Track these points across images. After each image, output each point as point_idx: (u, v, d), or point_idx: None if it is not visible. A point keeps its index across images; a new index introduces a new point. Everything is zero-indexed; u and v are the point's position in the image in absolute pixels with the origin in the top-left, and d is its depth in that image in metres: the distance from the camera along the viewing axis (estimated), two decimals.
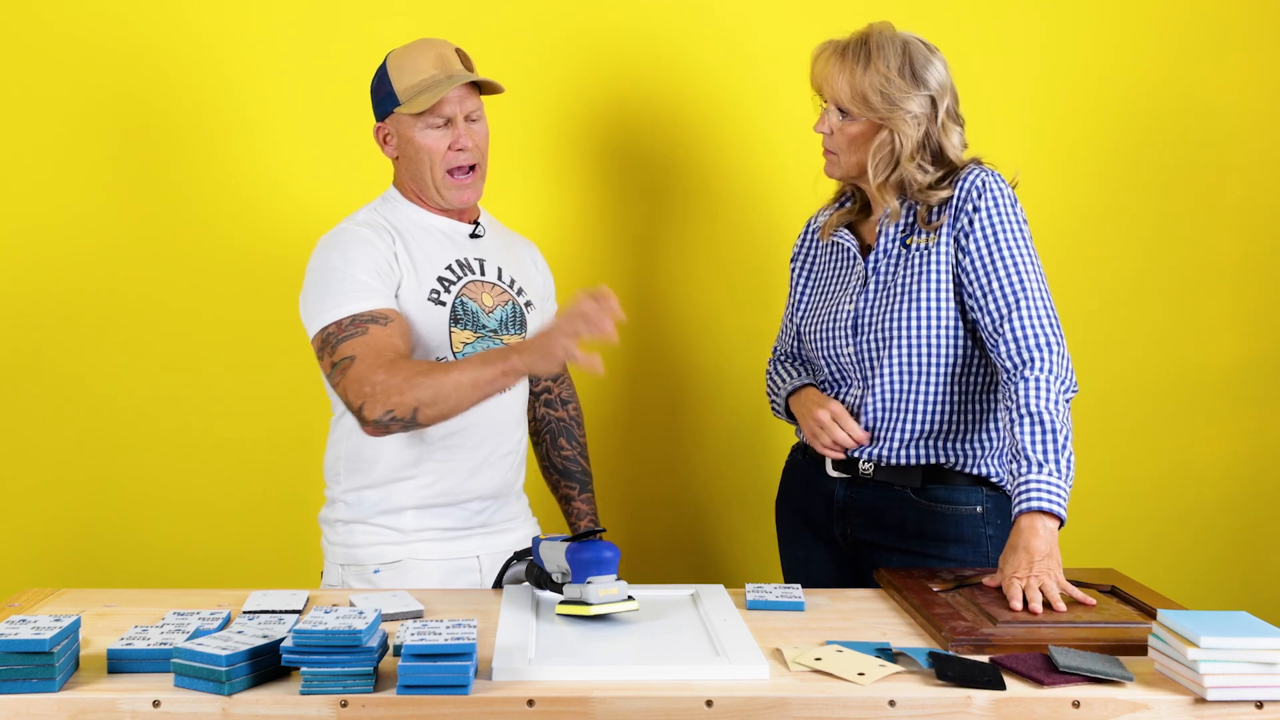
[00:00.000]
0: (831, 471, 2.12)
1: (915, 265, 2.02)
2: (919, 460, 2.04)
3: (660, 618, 1.75)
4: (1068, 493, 1.81)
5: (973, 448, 2.04)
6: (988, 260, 1.96)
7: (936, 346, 2.00)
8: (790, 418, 2.21)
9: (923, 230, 2.02)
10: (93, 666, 1.52)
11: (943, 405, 2.02)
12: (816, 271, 2.22)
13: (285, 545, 2.72)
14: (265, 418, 2.73)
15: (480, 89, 2.08)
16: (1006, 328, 1.93)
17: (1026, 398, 1.86)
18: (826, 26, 2.15)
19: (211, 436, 2.73)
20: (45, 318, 2.70)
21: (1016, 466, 1.84)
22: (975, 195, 1.98)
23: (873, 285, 2.06)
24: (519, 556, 1.96)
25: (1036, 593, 1.72)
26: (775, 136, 2.75)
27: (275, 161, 2.70)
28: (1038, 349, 1.90)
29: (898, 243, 2.05)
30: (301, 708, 1.42)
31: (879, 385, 2.04)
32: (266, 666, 1.48)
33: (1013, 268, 1.95)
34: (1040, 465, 1.81)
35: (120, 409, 2.72)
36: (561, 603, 1.73)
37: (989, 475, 2.05)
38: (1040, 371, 1.88)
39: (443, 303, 2.04)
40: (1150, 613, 1.72)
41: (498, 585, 2.06)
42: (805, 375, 2.22)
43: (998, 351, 1.94)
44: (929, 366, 2.01)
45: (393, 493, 2.04)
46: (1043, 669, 1.51)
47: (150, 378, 2.72)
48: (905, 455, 2.04)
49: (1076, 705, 1.45)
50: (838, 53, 2.02)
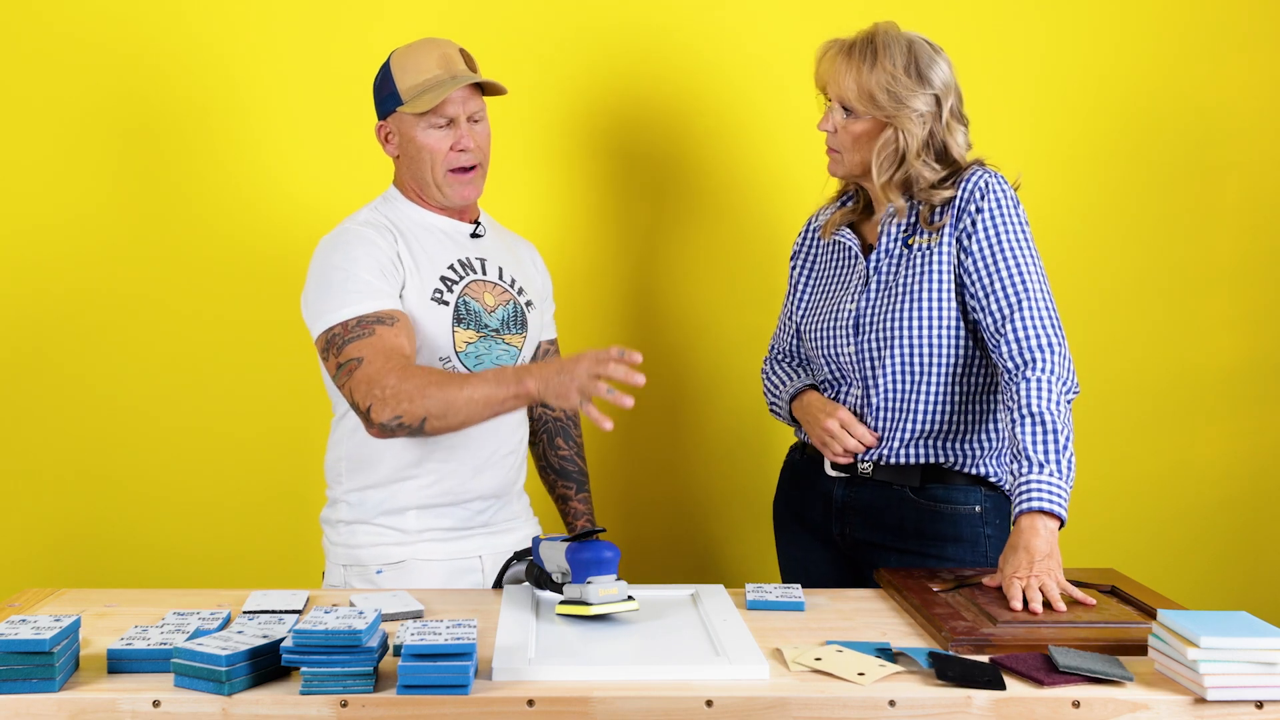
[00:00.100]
0: (830, 471, 2.12)
1: (917, 265, 2.02)
2: (919, 460, 2.04)
3: (660, 618, 1.75)
4: (1068, 493, 1.81)
5: (972, 448, 2.04)
6: (990, 261, 1.96)
7: (938, 346, 2.00)
8: (793, 420, 2.21)
9: (925, 230, 2.02)
10: (93, 666, 1.52)
11: (943, 405, 2.02)
12: (817, 270, 2.22)
13: (285, 545, 2.72)
14: (265, 418, 2.73)
15: (483, 90, 2.08)
16: (1008, 328, 1.93)
17: (1028, 398, 1.86)
18: (827, 27, 2.15)
19: (211, 436, 2.73)
20: (45, 318, 2.70)
21: (1017, 467, 1.84)
22: (978, 196, 1.98)
23: (874, 285, 2.06)
24: (519, 556, 1.96)
25: (1036, 593, 1.72)
26: (777, 137, 2.75)
27: (276, 161, 2.70)
28: (1039, 350, 1.90)
29: (899, 242, 2.05)
30: (301, 708, 1.42)
31: (880, 385, 2.04)
32: (266, 666, 1.48)
33: (1015, 269, 1.95)
34: (1041, 465, 1.81)
35: (120, 409, 2.72)
36: (561, 603, 1.73)
37: (988, 475, 2.05)
38: (1041, 372, 1.88)
39: (445, 302, 2.04)
40: (1150, 613, 1.72)
41: (497, 585, 2.06)
42: (804, 376, 2.22)
43: (999, 352, 1.94)
44: (930, 366, 2.01)
45: (395, 493, 2.04)
46: (1043, 669, 1.51)
47: (150, 378, 2.72)
48: (905, 455, 2.04)
49: (1076, 705, 1.45)
50: (844, 51, 2.02)
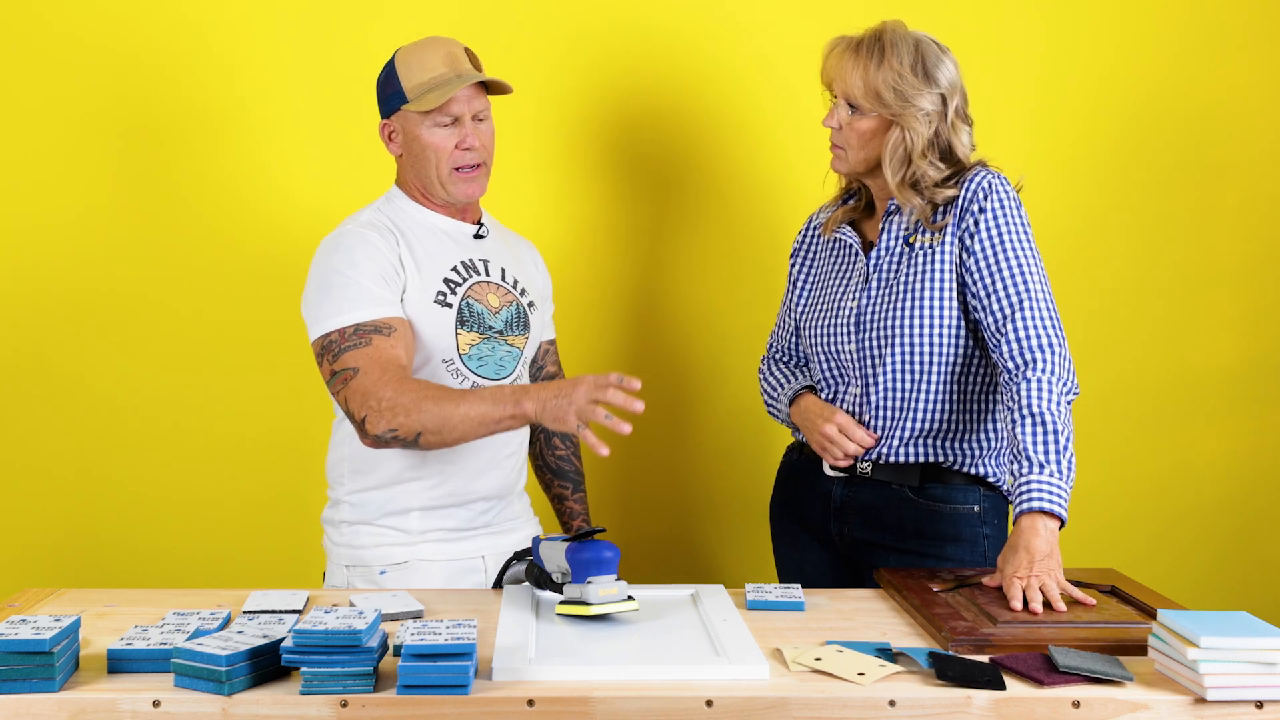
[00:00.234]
0: (829, 471, 2.12)
1: (918, 264, 2.02)
2: (918, 459, 2.04)
3: (660, 618, 1.75)
4: (1068, 493, 1.81)
5: (971, 447, 2.04)
6: (992, 261, 1.96)
7: (938, 345, 2.01)
8: (790, 422, 2.21)
9: (926, 229, 2.02)
10: (93, 666, 1.52)
11: (943, 404, 2.02)
12: (817, 267, 2.22)
13: (285, 545, 2.72)
14: (265, 418, 2.73)
15: (488, 89, 2.08)
16: (1009, 328, 1.93)
17: (1028, 398, 1.87)
18: (827, 27, 2.16)
19: (211, 436, 2.73)
20: (45, 318, 2.70)
21: (1017, 467, 1.84)
22: (981, 196, 1.98)
23: (874, 283, 2.06)
24: (519, 556, 1.96)
25: (1036, 593, 1.72)
26: (778, 137, 2.75)
27: (276, 161, 2.70)
28: (1040, 350, 1.90)
29: (900, 240, 2.05)
30: (301, 708, 1.42)
31: (880, 382, 2.04)
32: (266, 666, 1.48)
33: (1017, 269, 1.95)
34: (1041, 466, 1.81)
35: (120, 409, 2.72)
36: (561, 603, 1.73)
37: (986, 475, 2.05)
38: (1042, 372, 1.88)
39: (449, 304, 2.03)
40: (1150, 613, 1.72)
41: (498, 585, 2.06)
42: (801, 377, 2.22)
43: (1000, 352, 1.94)
44: (930, 365, 2.01)
45: (399, 494, 2.04)
46: (1043, 669, 1.51)
47: (150, 378, 2.72)
48: (904, 453, 2.04)
49: (1076, 705, 1.45)
50: (851, 48, 2.03)
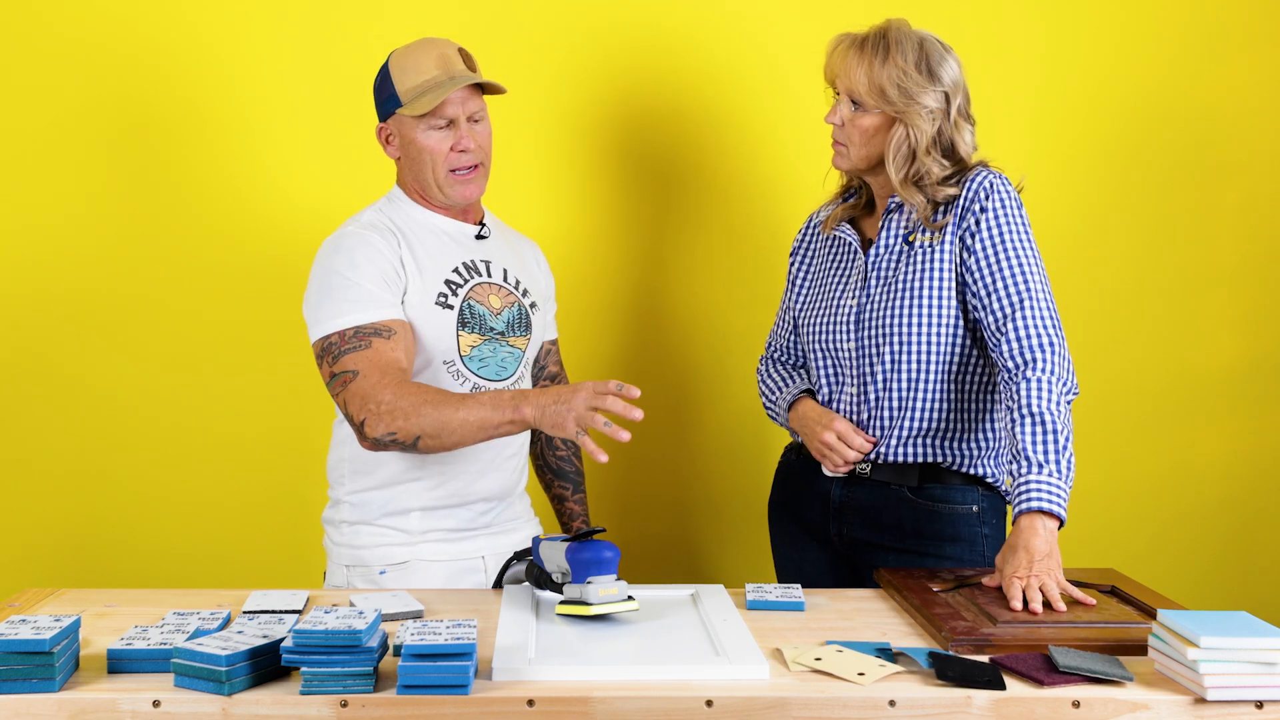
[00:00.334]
0: (828, 471, 2.12)
1: (918, 262, 2.02)
2: (917, 458, 2.04)
3: (660, 618, 1.75)
4: (1068, 493, 1.81)
5: (969, 447, 2.04)
6: (993, 260, 1.96)
7: (937, 344, 2.01)
8: (790, 426, 2.21)
9: (926, 228, 2.02)
10: (93, 666, 1.52)
11: (942, 403, 2.02)
12: (816, 264, 2.22)
13: (285, 545, 2.72)
14: (265, 418, 2.73)
15: (483, 89, 2.08)
16: (1009, 327, 1.93)
17: (1028, 398, 1.86)
18: (828, 27, 2.16)
19: (211, 436, 2.73)
20: (45, 318, 2.70)
21: (1017, 467, 1.84)
22: (982, 196, 1.98)
23: (874, 281, 2.06)
24: (519, 556, 1.96)
25: (1036, 592, 1.72)
26: (779, 136, 2.75)
27: (275, 162, 2.70)
28: (1039, 350, 1.90)
29: (900, 239, 2.05)
30: (301, 708, 1.42)
31: (879, 381, 2.04)
32: (266, 666, 1.48)
33: (1017, 269, 1.95)
34: (1041, 466, 1.81)
35: (120, 409, 2.72)
36: (561, 603, 1.73)
37: (985, 475, 2.05)
38: (1042, 372, 1.88)
39: (450, 306, 2.03)
40: (1150, 613, 1.72)
41: (498, 585, 2.06)
42: (799, 379, 2.22)
43: (999, 351, 1.94)
44: (929, 364, 2.01)
45: (399, 494, 2.04)
46: (1043, 669, 1.51)
47: (150, 378, 2.72)
48: (903, 453, 2.04)
49: (1076, 705, 1.45)
50: (855, 45, 2.03)
